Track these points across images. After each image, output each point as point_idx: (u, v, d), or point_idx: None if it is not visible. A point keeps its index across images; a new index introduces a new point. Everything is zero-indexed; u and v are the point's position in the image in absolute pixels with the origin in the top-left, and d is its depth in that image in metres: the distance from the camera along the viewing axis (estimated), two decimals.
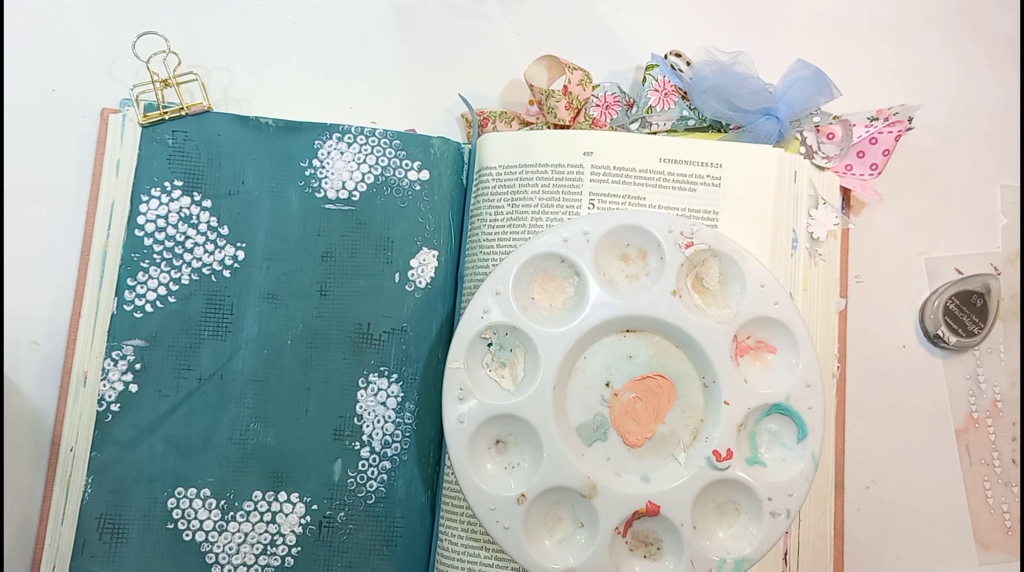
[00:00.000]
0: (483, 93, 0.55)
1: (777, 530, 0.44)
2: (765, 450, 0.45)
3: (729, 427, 0.44)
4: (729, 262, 0.45)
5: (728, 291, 0.46)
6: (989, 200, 0.56)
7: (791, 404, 0.44)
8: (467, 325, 0.45)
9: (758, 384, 0.45)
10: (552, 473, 0.44)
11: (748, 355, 0.46)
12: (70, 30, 0.53)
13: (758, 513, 0.44)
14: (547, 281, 0.46)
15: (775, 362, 0.46)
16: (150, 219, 0.49)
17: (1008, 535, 0.53)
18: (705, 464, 0.44)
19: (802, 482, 0.44)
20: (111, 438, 0.47)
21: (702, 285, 0.46)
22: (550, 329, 0.45)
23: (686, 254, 0.45)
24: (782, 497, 0.44)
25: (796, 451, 0.45)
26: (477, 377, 0.45)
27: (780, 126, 0.51)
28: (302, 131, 0.51)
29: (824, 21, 0.57)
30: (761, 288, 0.45)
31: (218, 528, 0.48)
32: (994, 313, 0.54)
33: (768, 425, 0.45)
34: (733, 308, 0.45)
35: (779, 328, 0.45)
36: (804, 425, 0.44)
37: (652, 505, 0.44)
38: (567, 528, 0.45)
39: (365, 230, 0.50)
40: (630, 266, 0.47)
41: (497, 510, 0.44)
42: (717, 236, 0.45)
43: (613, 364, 0.46)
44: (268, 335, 0.49)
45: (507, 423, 0.45)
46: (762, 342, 0.46)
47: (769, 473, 0.44)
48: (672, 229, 0.45)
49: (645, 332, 0.46)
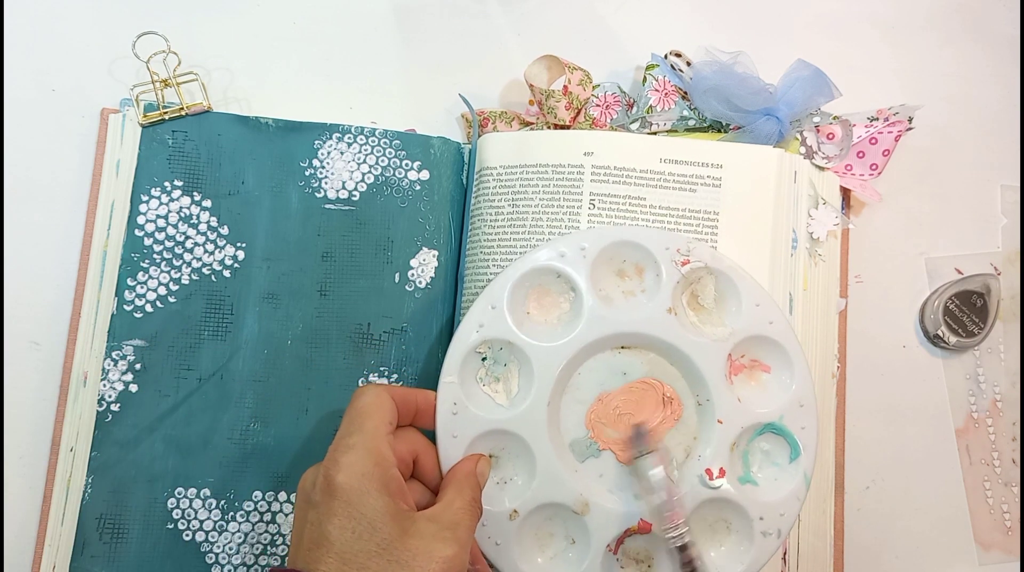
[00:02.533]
0: (483, 93, 0.55)
1: (767, 550, 0.44)
2: (757, 469, 0.45)
3: (722, 446, 0.44)
4: (725, 280, 0.45)
5: (724, 309, 0.46)
6: (989, 200, 0.56)
7: (784, 424, 0.44)
8: (461, 339, 0.44)
9: (752, 403, 0.45)
10: (545, 489, 0.44)
11: (742, 374, 0.46)
12: (70, 30, 0.53)
13: (749, 532, 0.44)
14: (543, 296, 0.46)
15: (769, 381, 0.46)
16: (150, 219, 0.49)
17: (1008, 535, 0.53)
18: (697, 482, 0.44)
19: (793, 501, 0.44)
20: (111, 438, 0.47)
21: (698, 303, 0.46)
22: (545, 344, 0.44)
23: (682, 272, 0.45)
24: (773, 517, 0.44)
25: (788, 471, 0.45)
26: (471, 391, 0.45)
27: (780, 126, 0.51)
28: (302, 131, 0.51)
29: (824, 21, 0.57)
30: (756, 307, 0.45)
31: (218, 528, 0.48)
32: (994, 313, 0.54)
33: (761, 444, 0.45)
34: (728, 326, 0.45)
35: (774, 347, 0.45)
36: (797, 445, 0.44)
37: (644, 523, 0.43)
38: (559, 544, 0.45)
39: (365, 230, 0.50)
40: (626, 282, 0.46)
41: (489, 526, 0.43)
42: (714, 254, 0.45)
43: (607, 380, 0.45)
44: (268, 335, 0.49)
45: (500, 438, 0.44)
46: (756, 361, 0.46)
47: (761, 492, 0.44)
48: (669, 246, 0.45)
49: (640, 349, 0.46)
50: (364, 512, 0.36)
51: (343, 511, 0.36)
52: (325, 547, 0.35)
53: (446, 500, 0.40)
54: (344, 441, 0.38)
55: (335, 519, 0.36)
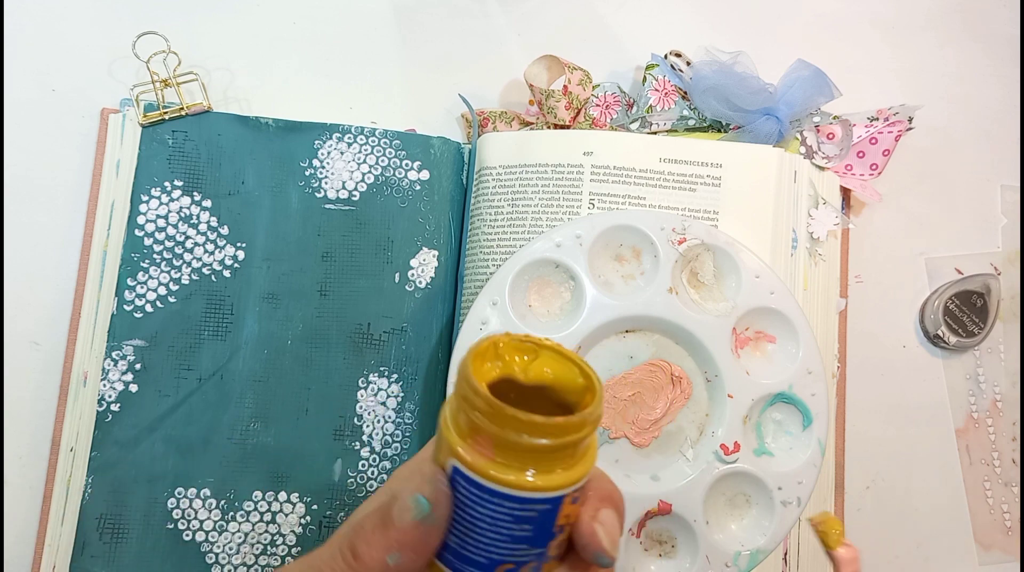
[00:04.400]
0: (483, 93, 0.55)
1: (789, 519, 0.44)
2: (771, 440, 0.45)
3: (735, 420, 0.44)
4: (723, 255, 0.45)
5: (724, 284, 0.46)
6: (989, 200, 0.56)
7: (794, 392, 0.45)
8: (466, 338, 0.45)
9: (760, 375, 0.45)
10: None
11: (748, 346, 0.46)
12: (70, 30, 0.53)
13: (769, 503, 0.44)
14: (543, 287, 0.46)
15: (775, 351, 0.46)
16: (150, 219, 0.49)
17: (1008, 535, 0.53)
18: (713, 459, 0.44)
19: (810, 469, 0.44)
20: (111, 438, 0.47)
21: (697, 280, 0.46)
22: (549, 335, 0.44)
23: (679, 250, 0.45)
24: (792, 485, 0.44)
25: (802, 439, 0.45)
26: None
27: (780, 126, 0.51)
28: (302, 131, 0.51)
29: (824, 21, 0.57)
30: (756, 279, 0.45)
31: (218, 528, 0.48)
32: (994, 313, 0.54)
33: (773, 414, 0.45)
34: (730, 301, 0.45)
35: (777, 317, 0.45)
36: (808, 412, 0.45)
37: (664, 504, 0.44)
38: None
39: (365, 230, 0.50)
40: (625, 266, 0.47)
41: None
42: (709, 230, 0.45)
43: (615, 365, 0.46)
44: (268, 335, 0.49)
45: None
46: (761, 332, 0.46)
47: (777, 463, 0.45)
48: (664, 226, 0.45)
49: (644, 331, 0.46)
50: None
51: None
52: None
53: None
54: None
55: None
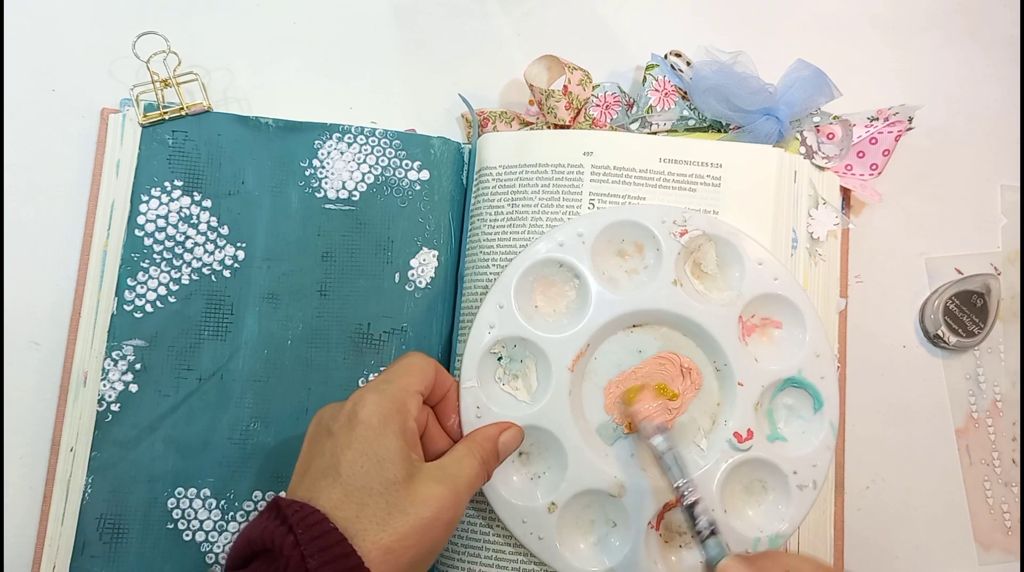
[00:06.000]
0: (483, 93, 0.55)
1: (806, 502, 0.44)
2: (784, 425, 0.46)
3: (746, 407, 0.44)
4: (725, 244, 0.46)
5: (727, 273, 0.46)
6: (989, 200, 0.56)
7: (803, 376, 0.45)
8: (475, 342, 0.45)
9: (768, 361, 0.45)
10: (579, 477, 0.44)
11: (755, 333, 0.46)
12: (70, 30, 0.53)
13: (785, 488, 0.44)
14: (548, 287, 0.47)
15: (782, 337, 0.46)
16: (150, 219, 0.49)
17: (1008, 535, 0.53)
18: (727, 447, 0.44)
19: (824, 451, 0.44)
20: (111, 438, 0.47)
21: (701, 270, 0.46)
22: (557, 335, 0.45)
23: (682, 242, 0.45)
24: (807, 469, 0.44)
25: (814, 422, 0.45)
26: (492, 393, 0.45)
27: (780, 126, 0.51)
28: (302, 131, 0.51)
29: (824, 21, 0.57)
30: (759, 266, 0.45)
31: (218, 528, 0.48)
32: (994, 313, 0.54)
33: (784, 400, 0.46)
34: (734, 289, 0.45)
35: (782, 303, 0.45)
36: (819, 395, 0.45)
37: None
38: (600, 529, 0.45)
39: (365, 230, 0.50)
40: (628, 261, 0.47)
41: (529, 522, 0.44)
42: (711, 221, 0.46)
43: (624, 361, 0.46)
44: (268, 335, 0.49)
45: (528, 434, 0.44)
46: (767, 319, 0.46)
47: (791, 447, 0.45)
48: (665, 219, 0.45)
49: (651, 325, 0.46)
50: (378, 450, 0.37)
51: (359, 445, 0.37)
52: (332, 477, 0.36)
53: (456, 455, 0.41)
54: (375, 385, 0.39)
55: (349, 452, 0.37)
